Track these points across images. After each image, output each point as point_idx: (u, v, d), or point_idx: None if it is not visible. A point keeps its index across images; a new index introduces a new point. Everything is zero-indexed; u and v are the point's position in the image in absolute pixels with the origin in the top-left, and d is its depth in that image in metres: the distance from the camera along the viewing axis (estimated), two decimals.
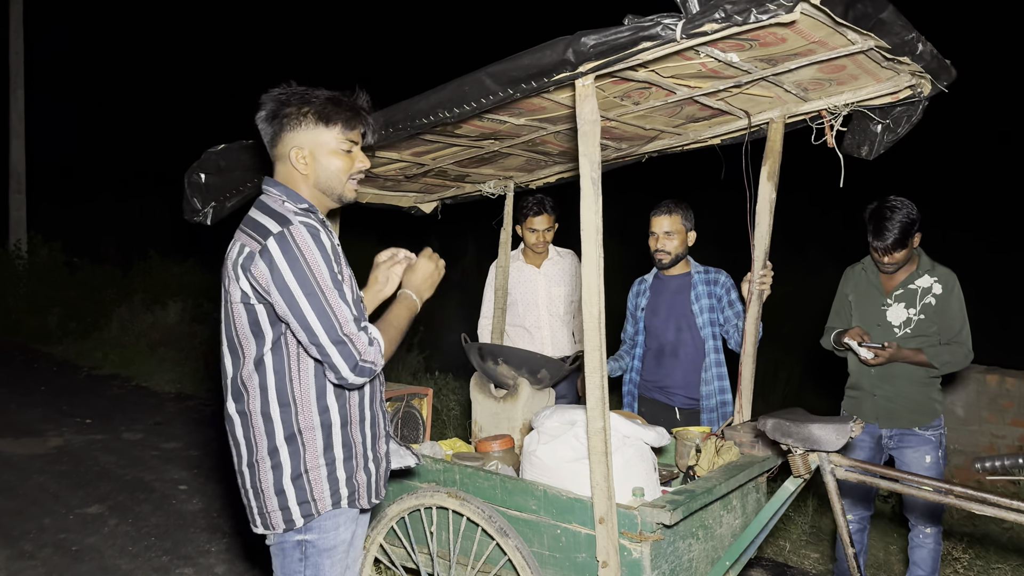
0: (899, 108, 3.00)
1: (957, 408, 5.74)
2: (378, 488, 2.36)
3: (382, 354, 2.17)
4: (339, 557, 2.28)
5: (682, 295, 3.91)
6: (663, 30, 2.12)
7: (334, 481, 2.22)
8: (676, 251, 3.85)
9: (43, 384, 8.81)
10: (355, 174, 2.29)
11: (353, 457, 2.26)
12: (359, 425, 2.29)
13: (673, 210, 3.81)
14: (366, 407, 2.31)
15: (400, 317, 2.33)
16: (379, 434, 2.37)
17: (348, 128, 2.23)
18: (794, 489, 2.56)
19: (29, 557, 4.28)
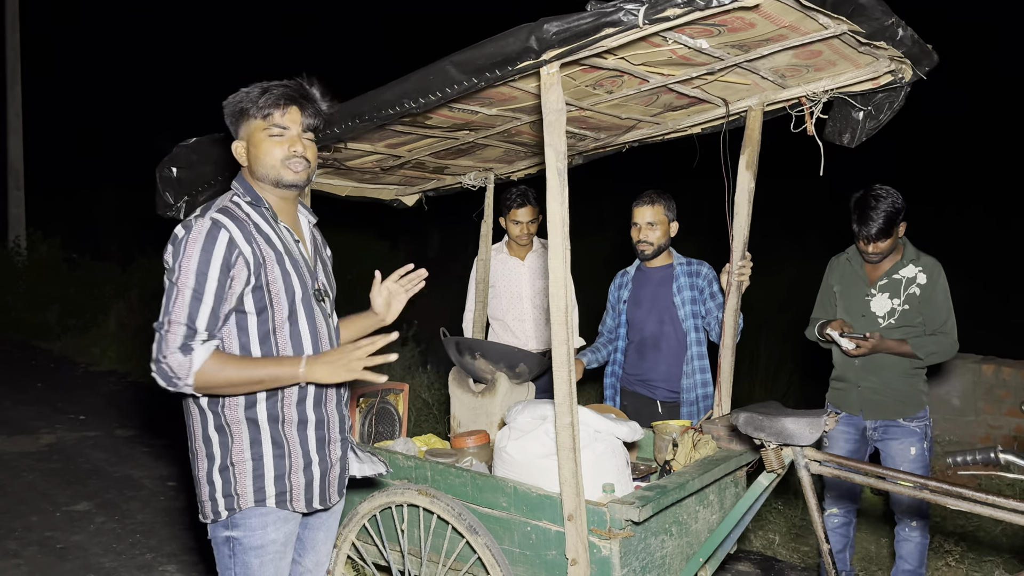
0: (880, 94, 2.95)
1: (953, 398, 5.68)
2: (324, 494, 2.32)
3: (192, 372, 2.03)
4: (270, 557, 2.25)
5: (664, 287, 3.86)
6: (625, 15, 2.07)
7: (259, 478, 2.20)
8: (659, 242, 3.79)
9: (40, 381, 8.81)
10: (289, 159, 2.22)
11: (286, 457, 2.23)
12: (297, 426, 2.25)
13: (655, 200, 3.75)
14: (309, 408, 2.27)
15: (263, 369, 2.12)
16: (330, 438, 2.33)
17: (276, 113, 2.20)
18: (768, 484, 2.51)
19: (13, 556, 4.26)
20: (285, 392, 2.22)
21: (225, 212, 2.17)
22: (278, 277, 2.19)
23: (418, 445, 3.24)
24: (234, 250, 2.11)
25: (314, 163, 2.30)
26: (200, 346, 2.06)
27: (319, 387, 2.28)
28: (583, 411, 2.61)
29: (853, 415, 3.58)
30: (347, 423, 2.43)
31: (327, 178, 3.88)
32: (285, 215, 2.32)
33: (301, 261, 2.28)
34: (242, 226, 2.16)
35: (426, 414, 6.75)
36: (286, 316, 2.21)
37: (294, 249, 2.28)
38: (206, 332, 2.08)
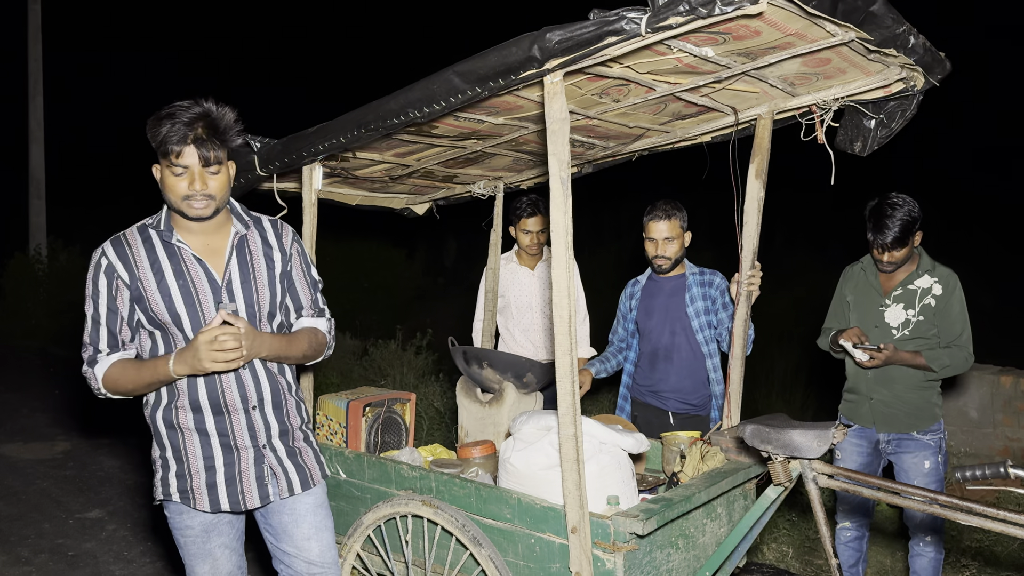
0: (892, 102, 2.91)
1: (970, 410, 5.60)
2: (234, 498, 2.40)
3: (99, 380, 2.35)
4: (192, 538, 2.46)
5: (677, 297, 3.79)
6: (627, 24, 2.06)
7: (164, 476, 2.42)
8: (675, 255, 3.71)
9: (57, 388, 8.89)
10: (189, 196, 2.28)
11: (184, 460, 2.39)
12: (195, 433, 2.37)
13: (671, 214, 3.66)
14: (207, 417, 2.36)
15: (146, 370, 2.31)
16: (238, 446, 2.39)
17: (173, 153, 2.24)
18: (776, 497, 2.47)
19: (25, 563, 4.29)
20: (178, 401, 2.35)
21: (118, 239, 2.38)
22: (158, 298, 2.32)
23: (424, 455, 3.23)
24: (112, 275, 2.35)
25: (221, 193, 2.33)
26: (103, 358, 2.35)
27: (215, 396, 2.35)
28: (588, 422, 2.59)
29: (866, 427, 3.53)
30: (272, 431, 2.45)
31: (337, 187, 3.89)
32: (200, 234, 2.39)
33: (201, 278, 2.35)
34: (126, 251, 2.35)
35: (438, 423, 6.73)
36: (178, 333, 2.34)
37: (191, 268, 2.36)
38: (107, 347, 2.36)
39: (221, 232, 2.43)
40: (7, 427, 7.06)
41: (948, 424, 5.57)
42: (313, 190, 3.18)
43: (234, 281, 2.39)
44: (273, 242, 2.51)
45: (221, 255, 2.41)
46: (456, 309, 8.21)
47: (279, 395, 2.46)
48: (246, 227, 2.47)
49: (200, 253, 2.39)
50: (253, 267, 2.43)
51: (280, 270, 2.49)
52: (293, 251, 2.54)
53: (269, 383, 2.44)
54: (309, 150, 2.96)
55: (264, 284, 2.44)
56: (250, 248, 2.45)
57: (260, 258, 2.46)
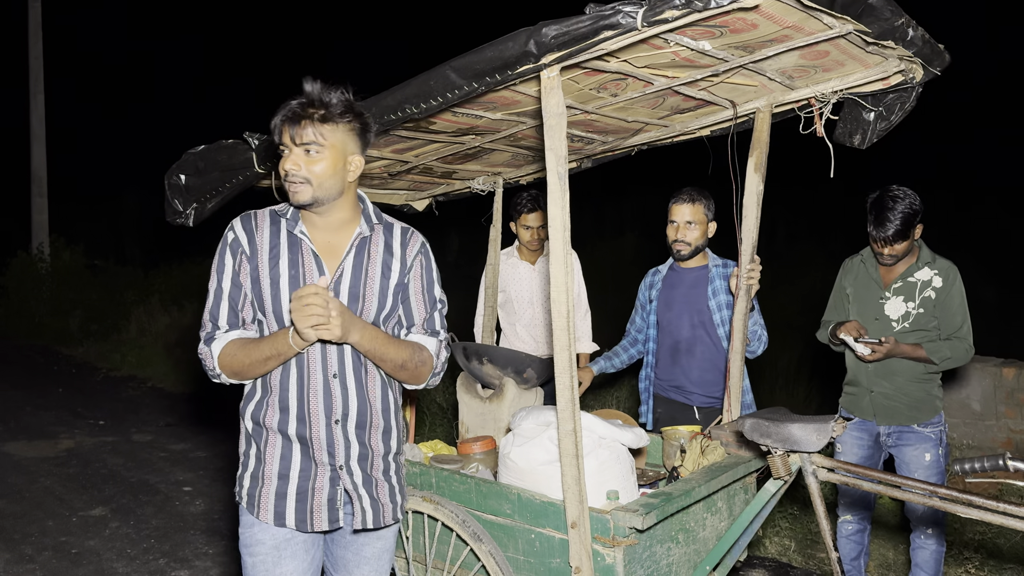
0: (891, 95, 2.91)
1: (973, 403, 5.59)
2: (302, 516, 2.21)
3: (215, 359, 2.22)
4: (260, 559, 2.24)
5: (698, 289, 3.69)
6: (623, 18, 2.05)
7: (241, 477, 2.30)
8: (696, 242, 3.62)
9: (61, 386, 8.92)
10: (286, 179, 2.18)
11: (261, 462, 2.25)
12: (278, 435, 2.23)
13: (696, 199, 3.60)
14: (291, 421, 2.21)
15: (266, 343, 2.18)
16: (317, 462, 2.22)
17: (277, 133, 2.18)
18: (775, 491, 2.46)
19: (29, 560, 4.30)
20: (269, 398, 2.23)
21: (248, 216, 2.29)
22: (267, 284, 2.21)
23: (424, 451, 3.23)
24: (238, 249, 2.25)
25: (321, 179, 2.16)
26: (222, 336, 2.24)
27: (302, 402, 2.21)
28: (587, 417, 2.59)
29: (866, 420, 3.53)
30: (351, 452, 2.24)
31: None
32: (323, 229, 2.26)
33: (313, 274, 2.22)
34: (253, 229, 2.26)
35: (440, 418, 6.74)
36: (271, 322, 2.23)
37: (307, 261, 2.23)
38: (227, 324, 2.25)
39: (345, 230, 2.28)
40: (11, 425, 7.08)
41: (951, 416, 5.56)
42: None
43: (343, 282, 2.23)
44: (397, 250, 2.32)
45: (339, 254, 2.26)
46: (457, 304, 8.22)
47: (365, 413, 2.25)
48: (371, 229, 2.30)
49: (320, 249, 2.25)
50: (367, 273, 2.27)
51: (396, 281, 2.30)
52: (416, 263, 2.34)
53: (357, 397, 2.24)
54: None
55: (374, 293, 2.26)
56: (370, 252, 2.29)
57: (377, 265, 2.28)
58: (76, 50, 21.28)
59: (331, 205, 2.22)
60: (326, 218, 2.25)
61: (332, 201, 2.21)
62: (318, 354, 2.22)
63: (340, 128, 2.17)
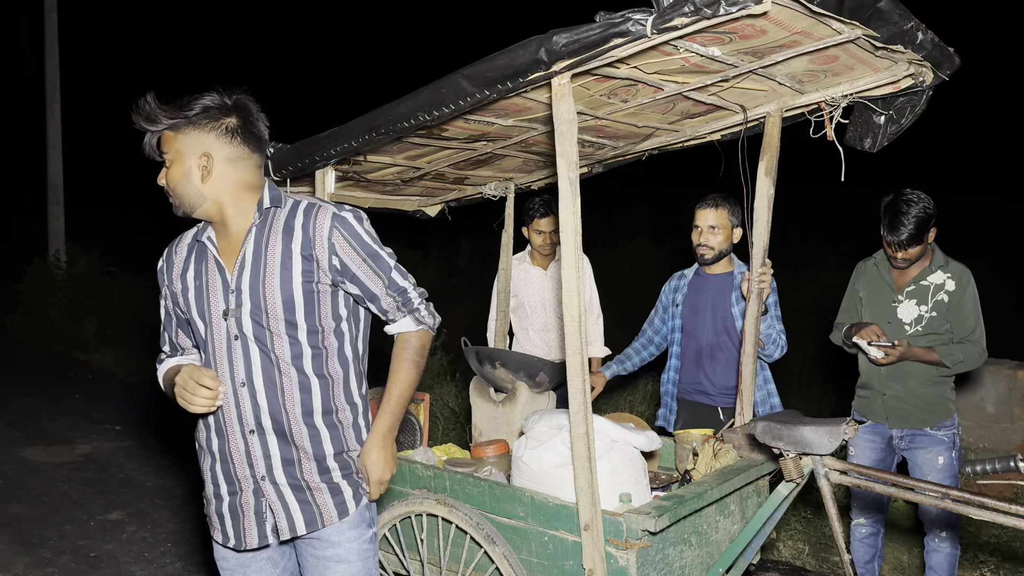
0: (901, 98, 2.91)
1: (988, 405, 5.57)
2: (238, 534, 2.13)
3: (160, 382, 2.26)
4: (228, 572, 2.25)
5: (723, 295, 3.71)
6: (633, 26, 2.08)
7: (202, 497, 2.27)
8: (720, 247, 3.64)
9: (77, 392, 8.98)
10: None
11: (206, 485, 2.21)
12: (206, 455, 2.18)
13: (720, 204, 3.62)
14: (211, 437, 2.14)
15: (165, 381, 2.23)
16: (238, 476, 2.11)
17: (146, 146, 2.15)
18: (788, 493, 2.48)
19: (47, 564, 4.35)
20: (199, 418, 2.17)
21: (176, 238, 2.28)
22: (180, 301, 2.18)
23: (438, 455, 3.26)
24: (161, 277, 2.26)
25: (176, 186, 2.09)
26: (166, 360, 2.31)
27: (217, 414, 2.11)
28: (599, 420, 2.61)
29: (879, 423, 3.53)
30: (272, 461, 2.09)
31: (349, 190, 3.92)
32: (223, 232, 2.16)
33: (215, 280, 2.11)
34: (172, 252, 2.25)
35: (453, 423, 6.76)
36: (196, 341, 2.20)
37: (210, 269, 2.14)
38: (169, 349, 2.31)
39: (241, 227, 2.13)
40: (28, 431, 7.15)
41: (965, 419, 5.54)
42: (326, 194, 3.21)
43: (243, 283, 2.07)
44: (298, 234, 2.08)
45: (237, 253, 2.12)
46: (469, 309, 8.23)
47: (282, 421, 2.07)
48: (261, 214, 2.12)
49: (221, 251, 2.13)
50: (265, 266, 2.06)
51: (301, 269, 2.06)
52: (335, 240, 2.08)
53: (269, 406, 2.07)
54: (322, 154, 3.00)
55: (275, 289, 2.05)
56: (268, 241, 2.08)
57: (276, 255, 2.07)
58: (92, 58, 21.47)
59: (207, 210, 2.11)
60: (218, 223, 2.14)
61: (201, 207, 2.10)
62: (226, 363, 2.09)
63: (181, 133, 2.07)
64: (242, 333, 2.07)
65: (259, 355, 2.07)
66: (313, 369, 2.10)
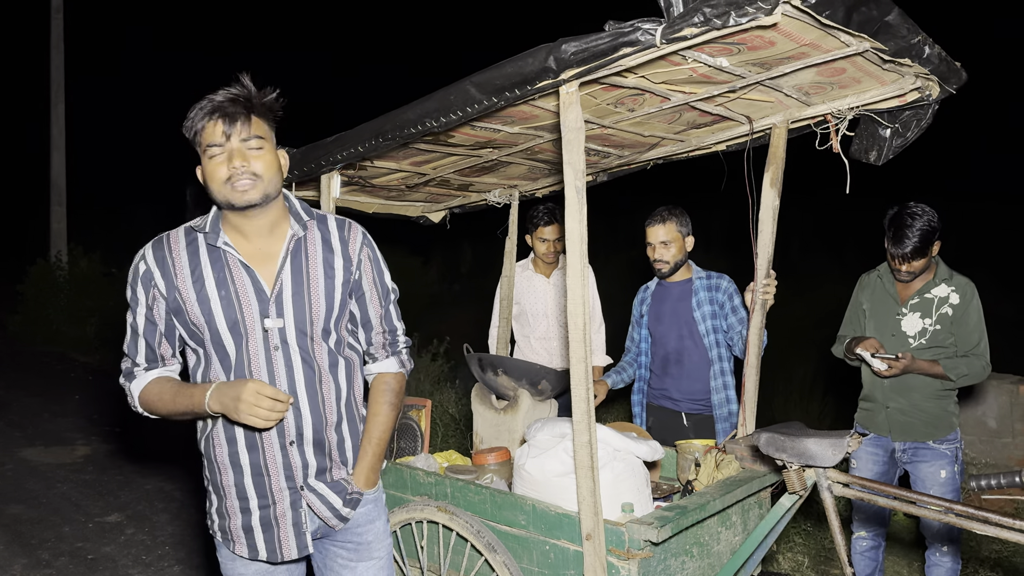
0: (908, 112, 2.91)
1: (989, 420, 5.55)
2: (272, 546, 2.13)
3: (135, 398, 2.14)
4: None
5: (684, 302, 3.84)
6: (643, 35, 2.08)
7: (209, 511, 2.23)
8: (674, 259, 3.77)
9: (77, 393, 8.98)
10: (231, 178, 1.98)
11: (223, 500, 2.15)
12: (231, 469, 2.10)
13: (667, 218, 3.73)
14: (241, 452, 2.08)
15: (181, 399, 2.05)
16: (273, 487, 2.10)
17: (205, 131, 1.99)
18: (790, 506, 2.47)
19: (45, 566, 4.34)
20: (214, 432, 2.11)
21: (160, 241, 2.12)
22: (197, 311, 2.05)
23: (439, 461, 3.25)
24: (149, 282, 2.09)
25: (269, 174, 2.03)
26: (142, 374, 2.14)
27: (250, 429, 2.06)
28: (602, 429, 2.60)
29: (882, 436, 3.52)
30: (310, 470, 2.12)
31: (354, 195, 3.93)
32: (252, 236, 2.10)
33: (247, 288, 2.06)
34: (166, 255, 2.09)
35: (453, 429, 6.76)
36: (210, 350, 2.08)
37: (237, 276, 2.07)
38: (145, 362, 2.14)
39: (276, 234, 2.10)
40: (28, 432, 7.15)
41: (966, 434, 5.53)
42: (331, 198, 3.22)
43: (284, 292, 2.06)
44: (337, 246, 2.15)
45: (273, 261, 2.08)
46: (471, 316, 8.23)
47: (322, 431, 2.11)
48: (304, 228, 2.13)
49: (249, 259, 2.07)
50: (308, 275, 2.09)
51: (341, 279, 2.13)
52: (363, 256, 2.19)
53: (312, 416, 2.09)
54: (328, 159, 3.00)
55: (319, 297, 2.09)
56: (307, 252, 2.11)
57: (318, 265, 2.11)
58: (97, 61, 21.54)
59: (267, 207, 2.06)
60: (257, 221, 2.06)
61: (273, 200, 2.07)
62: (265, 374, 2.05)
63: (270, 122, 2.09)
64: (284, 342, 2.07)
65: (301, 364, 2.09)
66: (345, 377, 2.19)
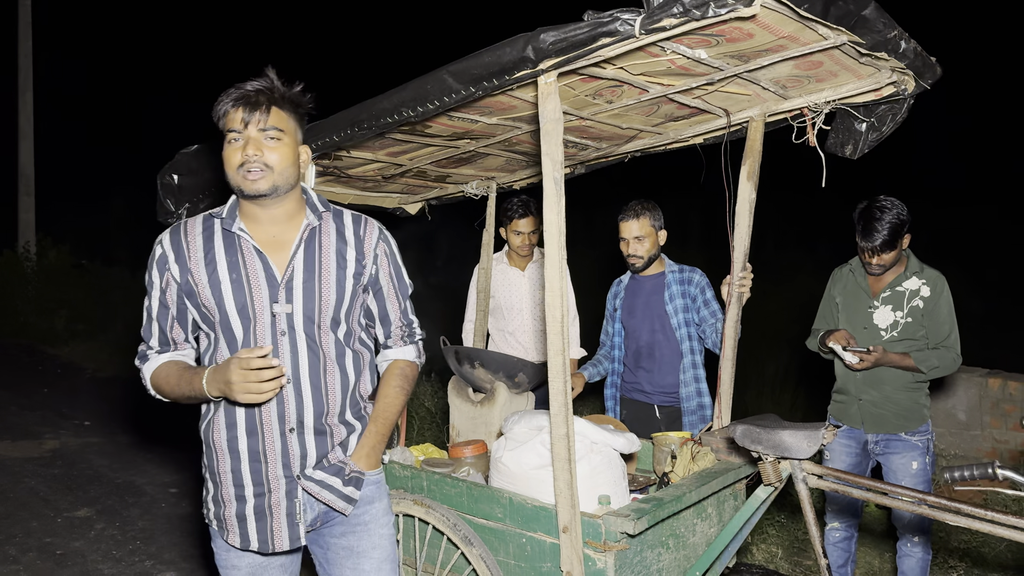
0: (883, 106, 2.93)
1: (959, 413, 5.64)
2: (264, 536, 2.10)
3: (147, 380, 2.16)
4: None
5: (656, 295, 3.86)
6: (621, 25, 2.07)
7: (206, 499, 2.21)
8: (648, 254, 3.78)
9: (46, 386, 8.85)
10: (243, 165, 2.01)
11: (219, 488, 2.13)
12: (228, 454, 2.10)
13: (640, 213, 3.73)
14: (240, 436, 2.08)
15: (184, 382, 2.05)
16: (270, 475, 2.09)
17: (228, 115, 2.02)
18: (765, 497, 2.48)
19: (13, 561, 4.26)
20: (215, 417, 2.11)
21: (177, 227, 2.16)
22: (208, 294, 2.07)
23: (415, 455, 3.23)
24: (164, 266, 2.12)
25: (282, 166, 2.04)
26: (154, 356, 2.16)
27: (251, 413, 2.07)
28: (579, 422, 2.59)
29: (854, 428, 3.55)
30: (308, 460, 2.10)
31: (329, 186, 3.89)
32: (267, 224, 2.12)
33: (258, 273, 2.07)
34: (181, 240, 2.11)
35: (429, 422, 6.74)
36: (219, 333, 2.09)
37: (249, 261, 2.08)
38: (158, 345, 2.16)
39: (292, 223, 2.13)
40: None
41: (936, 426, 5.61)
42: None
43: (295, 279, 2.08)
44: (350, 238, 2.18)
45: (287, 248, 2.11)
46: (447, 308, 8.21)
47: (322, 417, 2.11)
48: (319, 218, 2.16)
49: (263, 245, 2.09)
50: (320, 264, 2.12)
51: (352, 271, 2.15)
52: (379, 252, 2.22)
53: (314, 403, 2.09)
54: None
55: (330, 286, 2.11)
56: (321, 242, 2.14)
57: (331, 255, 2.14)
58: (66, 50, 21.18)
59: (282, 197, 2.09)
60: (271, 211, 2.10)
61: (286, 192, 2.09)
62: None
63: (294, 116, 2.09)
64: (291, 328, 2.08)
65: (307, 351, 2.10)
66: (353, 369, 2.19)
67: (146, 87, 23.94)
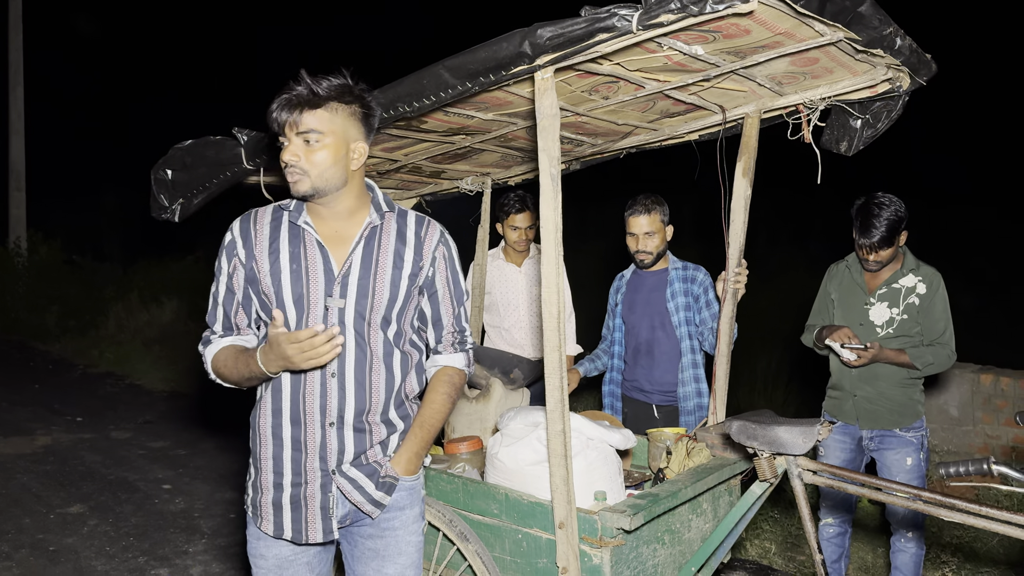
0: (878, 103, 2.94)
1: (951, 408, 5.66)
2: (297, 527, 2.12)
3: (208, 363, 2.21)
4: (264, 571, 2.19)
5: (658, 292, 3.82)
6: (619, 21, 2.06)
7: (247, 486, 2.23)
8: (657, 250, 3.74)
9: (37, 382, 8.82)
10: (286, 168, 2.07)
11: (259, 474, 2.17)
12: (271, 440, 2.13)
13: (651, 208, 3.69)
14: (284, 423, 2.11)
15: (243, 362, 2.10)
16: (308, 466, 2.11)
17: (272, 122, 2.06)
18: (761, 493, 2.48)
19: (5, 558, 4.24)
20: (263, 401, 2.16)
21: (248, 215, 2.22)
22: (268, 282, 2.12)
23: None
24: (232, 252, 2.18)
25: (318, 169, 2.05)
26: (217, 340, 2.21)
27: (296, 403, 2.10)
28: (575, 418, 2.60)
29: (849, 424, 3.57)
30: (345, 456, 2.12)
31: None
32: (329, 219, 2.16)
33: (316, 266, 2.11)
34: (250, 228, 2.18)
35: None
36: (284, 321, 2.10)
37: (310, 253, 2.12)
38: (221, 329, 2.21)
39: (353, 219, 2.17)
40: None
41: (929, 422, 5.63)
42: None
43: (351, 274, 2.11)
44: (411, 239, 2.20)
45: (347, 244, 2.14)
46: None
47: (363, 415, 2.12)
48: (382, 217, 2.19)
49: (326, 239, 2.14)
50: (377, 262, 2.14)
51: (409, 271, 2.17)
52: (438, 255, 2.24)
53: (356, 399, 2.11)
54: None
55: (384, 285, 2.14)
56: (381, 241, 2.17)
57: (389, 254, 2.16)
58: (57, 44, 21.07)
59: (335, 196, 2.11)
60: (332, 208, 2.14)
61: (335, 192, 2.11)
62: None
63: (340, 114, 2.06)
64: (341, 323, 2.11)
65: (354, 347, 2.12)
66: (401, 369, 2.20)
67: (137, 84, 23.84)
